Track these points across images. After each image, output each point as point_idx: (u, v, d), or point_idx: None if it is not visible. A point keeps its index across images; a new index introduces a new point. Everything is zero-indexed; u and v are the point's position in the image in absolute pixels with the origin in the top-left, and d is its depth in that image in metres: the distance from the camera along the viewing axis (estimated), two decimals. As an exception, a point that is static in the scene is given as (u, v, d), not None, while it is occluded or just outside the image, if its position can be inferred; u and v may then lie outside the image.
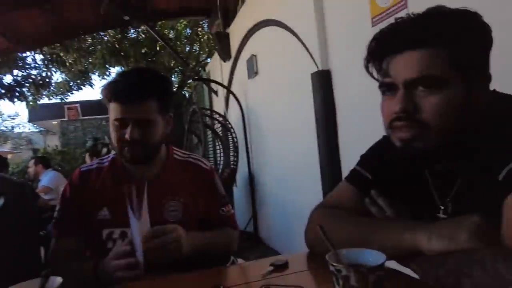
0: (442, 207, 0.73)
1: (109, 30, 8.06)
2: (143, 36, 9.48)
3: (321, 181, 2.42)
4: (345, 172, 2.22)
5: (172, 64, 10.54)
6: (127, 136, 1.06)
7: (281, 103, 3.17)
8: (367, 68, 0.73)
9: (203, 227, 1.18)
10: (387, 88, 0.68)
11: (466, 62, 0.63)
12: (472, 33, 0.64)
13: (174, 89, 11.57)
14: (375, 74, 0.72)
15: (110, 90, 1.08)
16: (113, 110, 1.07)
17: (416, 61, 0.63)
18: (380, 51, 0.69)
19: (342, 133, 2.29)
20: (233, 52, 4.37)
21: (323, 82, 2.33)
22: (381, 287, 0.53)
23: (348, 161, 2.21)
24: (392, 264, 0.68)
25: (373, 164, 0.85)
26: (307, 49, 2.51)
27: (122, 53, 9.16)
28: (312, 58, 2.43)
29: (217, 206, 1.23)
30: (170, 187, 1.16)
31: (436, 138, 0.63)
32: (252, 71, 3.68)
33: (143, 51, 9.50)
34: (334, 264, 0.54)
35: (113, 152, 1.24)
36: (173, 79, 11.36)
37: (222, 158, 3.89)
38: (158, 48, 9.35)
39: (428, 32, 0.63)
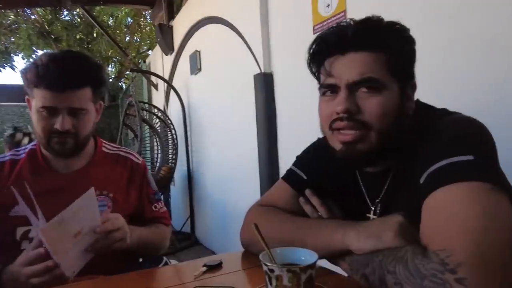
0: (372, 208, 0.77)
1: (38, 9, 7.29)
2: (79, 20, 8.77)
3: (259, 181, 2.45)
4: (283, 172, 2.27)
5: (109, 53, 9.93)
6: (57, 126, 0.97)
7: (223, 102, 3.15)
8: (310, 68, 0.74)
9: (134, 224, 1.12)
10: (328, 88, 0.69)
11: (400, 69, 0.67)
12: (405, 44, 0.69)
13: (110, 80, 10.90)
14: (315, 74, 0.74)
15: (37, 74, 0.96)
16: (40, 97, 0.96)
17: (359, 63, 0.65)
18: (323, 51, 0.70)
19: (281, 135, 2.34)
20: (176, 46, 4.24)
21: (265, 84, 2.37)
22: (313, 285, 0.55)
23: (287, 161, 2.26)
24: (324, 263, 0.71)
25: (307, 165, 0.88)
26: (251, 50, 2.53)
27: (52, 36, 8.36)
28: (256, 59, 2.46)
29: (149, 202, 1.19)
30: (98, 181, 1.08)
31: (376, 140, 0.65)
32: (195, 67, 3.61)
33: (77, 36, 8.79)
34: (267, 263, 0.54)
35: (33, 142, 1.12)
36: (110, 69, 10.70)
37: (159, 155, 3.74)
38: (95, 34, 8.72)
39: (370, 37, 0.66)
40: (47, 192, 1.01)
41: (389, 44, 0.66)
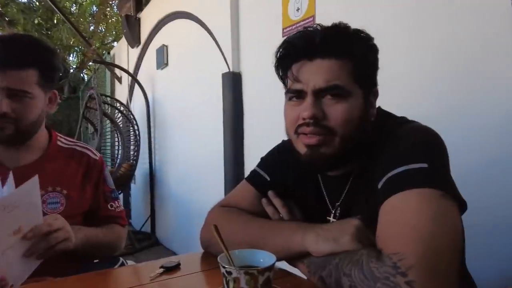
0: (333, 211, 0.78)
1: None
2: (37, 3, 8.26)
3: (224, 181, 2.43)
4: (248, 173, 2.28)
5: (71, 42, 9.45)
6: None
7: (190, 99, 3.10)
8: (277, 71, 0.74)
9: (88, 223, 1.07)
10: (295, 94, 0.70)
11: (365, 77, 0.69)
12: (370, 52, 0.71)
13: (72, 70, 10.38)
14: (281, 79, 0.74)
15: None
16: None
17: (326, 70, 0.66)
18: (291, 55, 0.70)
19: (247, 135, 2.34)
20: (143, 39, 4.12)
21: (233, 83, 2.35)
22: (270, 287, 0.54)
23: (252, 162, 2.26)
24: (283, 265, 0.71)
25: (271, 166, 0.88)
26: (220, 48, 2.51)
27: (6, 18, 7.81)
28: (225, 58, 2.44)
29: (105, 201, 1.14)
30: (51, 177, 1.03)
31: (340, 145, 0.67)
32: (162, 62, 3.52)
33: (36, 21, 8.27)
34: (225, 265, 0.53)
35: None
36: (71, 58, 10.18)
37: (120, 151, 3.61)
38: (55, 21, 8.26)
39: (337, 44, 0.67)
40: None
41: (354, 51, 0.67)
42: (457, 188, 0.60)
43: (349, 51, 0.67)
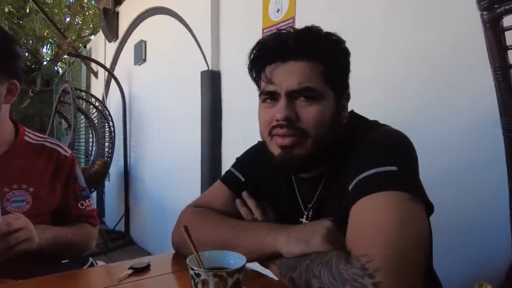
0: (305, 212, 0.79)
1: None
2: (9, -9, 7.92)
3: (200, 181, 2.41)
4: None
5: (45, 33, 9.11)
6: None
7: (168, 96, 3.05)
8: (251, 73, 0.75)
9: (57, 222, 1.03)
10: (269, 96, 0.71)
11: (336, 79, 0.70)
12: (341, 55, 0.72)
13: (45, 62, 10.00)
14: (255, 81, 0.75)
15: None
16: None
17: (299, 72, 0.67)
18: (264, 57, 0.71)
19: (225, 134, 2.33)
20: (121, 34, 4.02)
21: (212, 82, 2.33)
22: None
23: (230, 162, 2.25)
24: (255, 266, 0.71)
25: (246, 167, 0.88)
26: (199, 46, 2.48)
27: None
28: (204, 56, 2.42)
29: (76, 199, 1.10)
30: (16, 174, 0.98)
31: (312, 146, 0.68)
32: (140, 58, 3.45)
33: (6, 9, 7.92)
34: (194, 267, 0.52)
35: None
36: (44, 50, 9.81)
37: (94, 148, 3.50)
38: (28, 10, 7.93)
39: (310, 46, 0.68)
40: None
41: (326, 54, 0.68)
42: (425, 191, 0.62)
43: (321, 54, 0.68)
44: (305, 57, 0.67)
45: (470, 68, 1.07)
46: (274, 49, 0.69)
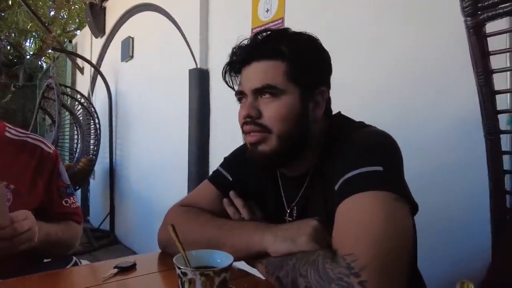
0: (288, 211, 0.80)
1: None
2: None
3: (187, 180, 2.40)
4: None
5: (28, 27, 8.88)
6: None
7: (155, 93, 3.02)
8: (224, 76, 0.79)
9: (40, 220, 1.01)
10: (240, 95, 0.75)
11: (302, 76, 0.71)
12: (309, 53, 0.73)
13: (28, 56, 9.76)
14: (230, 83, 0.79)
15: None
16: None
17: (260, 71, 0.70)
18: (236, 64, 0.76)
19: (213, 133, 2.32)
20: (108, 29, 3.97)
21: (200, 80, 2.33)
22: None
23: (217, 161, 2.24)
24: (241, 265, 0.71)
25: (233, 166, 0.88)
26: (188, 44, 2.47)
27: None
28: (192, 54, 2.40)
29: (60, 196, 1.08)
30: None
31: (278, 142, 0.70)
32: (127, 54, 3.41)
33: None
34: (180, 266, 0.52)
35: None
36: (27, 44, 9.58)
37: (79, 145, 3.44)
38: (10, 2, 7.71)
39: (268, 47, 0.71)
40: None
41: (288, 53, 0.70)
42: (410, 191, 0.63)
43: (281, 52, 0.70)
44: (266, 57, 0.70)
45: (456, 73, 1.10)
46: (241, 55, 0.74)
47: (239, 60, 0.74)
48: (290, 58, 0.70)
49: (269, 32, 0.73)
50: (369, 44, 1.37)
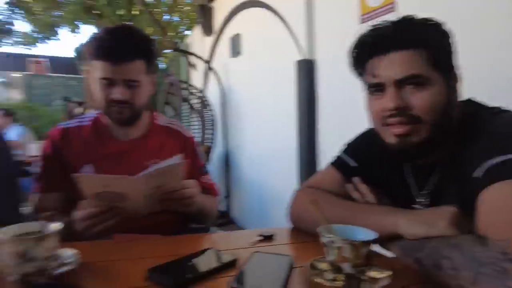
0: (418, 199, 0.80)
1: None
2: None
3: (297, 168, 2.49)
4: (321, 160, 2.33)
5: (149, 32, 10.07)
6: (115, 96, 1.05)
7: (263, 86, 3.17)
8: (354, 70, 0.79)
9: None
10: (375, 87, 0.73)
11: (443, 62, 0.70)
12: (442, 37, 0.72)
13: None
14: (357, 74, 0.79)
15: (96, 46, 1.03)
16: (99, 68, 1.03)
17: (402, 61, 0.68)
18: (364, 54, 0.74)
19: (321, 123, 2.36)
20: (216, 28, 4.28)
21: (307, 71, 2.38)
22: (371, 261, 0.59)
23: (326, 150, 2.31)
24: (374, 247, 0.76)
25: (358, 153, 0.91)
26: (293, 36, 2.53)
27: (97, 12, 8.63)
28: (298, 46, 2.46)
29: (199, 174, 1.24)
30: (153, 150, 1.17)
31: (427, 132, 0.69)
32: (235, 50, 3.64)
33: (119, 13, 9.01)
34: (328, 235, 0.59)
35: (91, 111, 1.21)
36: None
37: (200, 134, 3.86)
38: (138, 12, 8.89)
39: (409, 35, 0.70)
40: (109, 156, 1.12)
41: (427, 39, 0.69)
42: None
43: (421, 40, 0.69)
44: (405, 47, 0.69)
45: None
46: (373, 44, 0.72)
47: (371, 52, 0.73)
48: (431, 46, 0.69)
49: (399, 20, 0.72)
50: (487, 31, 1.24)
